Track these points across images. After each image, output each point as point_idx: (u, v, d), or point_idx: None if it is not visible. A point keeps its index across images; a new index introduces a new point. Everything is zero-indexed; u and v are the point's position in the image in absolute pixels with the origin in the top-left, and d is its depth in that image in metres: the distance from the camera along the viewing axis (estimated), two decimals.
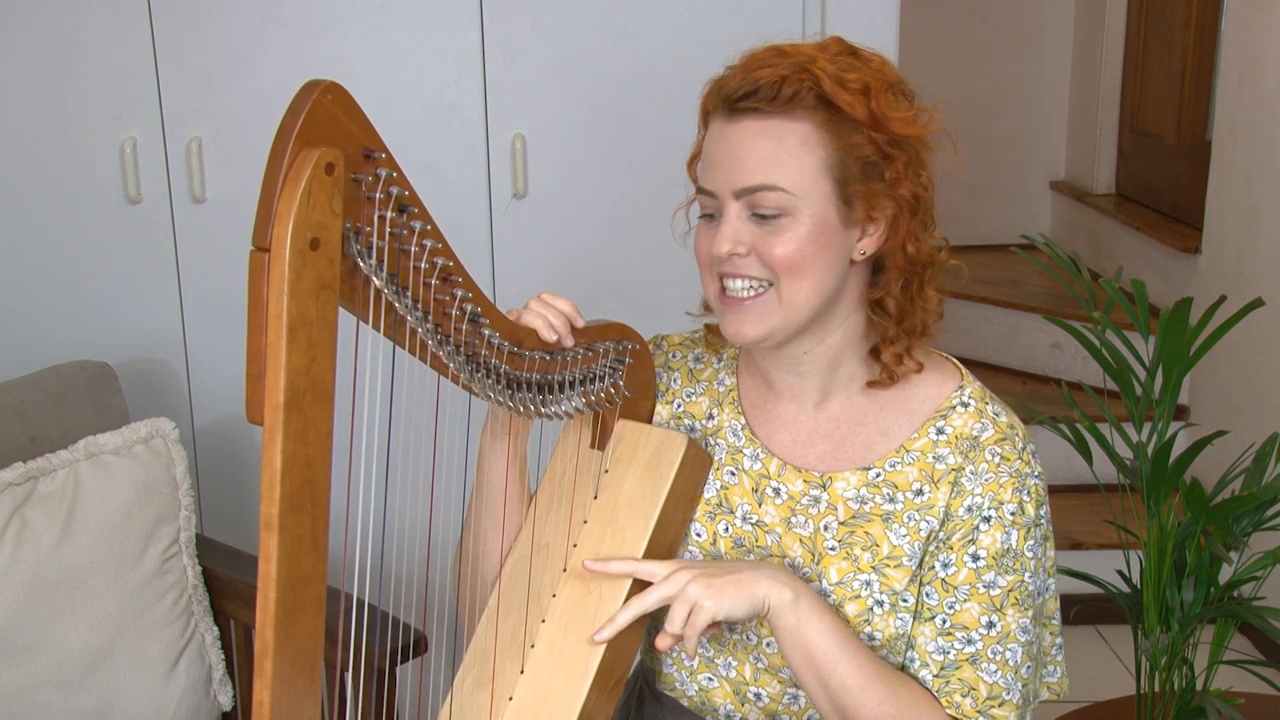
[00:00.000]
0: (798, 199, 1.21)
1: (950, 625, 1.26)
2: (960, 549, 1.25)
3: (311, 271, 0.93)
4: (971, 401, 1.30)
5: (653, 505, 1.30)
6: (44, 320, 2.31)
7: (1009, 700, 1.26)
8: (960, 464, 1.27)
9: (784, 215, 1.21)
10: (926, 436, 1.29)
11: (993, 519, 1.25)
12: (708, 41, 2.31)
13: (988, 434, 1.28)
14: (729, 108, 1.22)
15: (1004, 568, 1.25)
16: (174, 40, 2.23)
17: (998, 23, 4.44)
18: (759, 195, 1.21)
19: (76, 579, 1.85)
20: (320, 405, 0.96)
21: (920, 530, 1.27)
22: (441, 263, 1.07)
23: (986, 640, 1.25)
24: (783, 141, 1.21)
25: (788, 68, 1.20)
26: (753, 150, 1.21)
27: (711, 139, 1.25)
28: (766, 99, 1.20)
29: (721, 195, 1.23)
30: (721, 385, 1.39)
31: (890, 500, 1.28)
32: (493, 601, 1.33)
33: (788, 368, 1.32)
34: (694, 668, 1.37)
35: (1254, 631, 2.96)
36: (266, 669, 0.97)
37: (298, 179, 0.92)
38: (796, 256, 1.22)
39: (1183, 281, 3.52)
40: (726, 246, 1.23)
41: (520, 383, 1.20)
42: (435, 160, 2.30)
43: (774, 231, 1.22)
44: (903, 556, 1.27)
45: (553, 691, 1.24)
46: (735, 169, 1.22)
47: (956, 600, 1.26)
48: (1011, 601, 1.25)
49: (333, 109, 0.94)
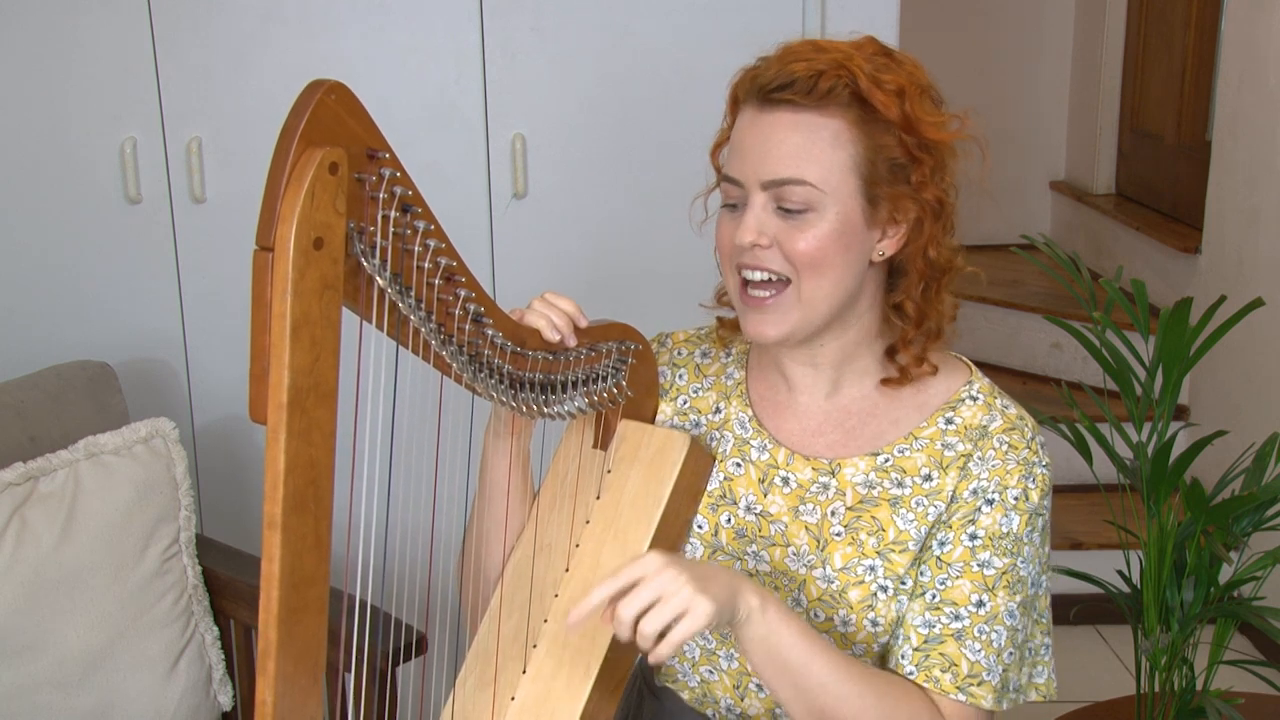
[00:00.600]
0: (825, 195, 1.21)
1: (939, 600, 1.26)
2: (959, 528, 1.26)
3: (315, 271, 0.93)
4: (980, 395, 1.31)
5: (655, 505, 1.30)
6: (44, 320, 2.31)
7: (988, 681, 1.25)
8: (969, 450, 1.28)
9: (810, 210, 1.21)
10: (935, 425, 1.30)
11: (995, 501, 1.26)
12: (708, 41, 2.31)
13: (996, 424, 1.28)
14: (762, 97, 1.22)
15: (1000, 549, 1.25)
16: (174, 40, 2.23)
17: (998, 23, 4.44)
18: (787, 188, 1.21)
19: (76, 579, 1.85)
20: (323, 405, 0.96)
21: (928, 515, 1.28)
22: (445, 262, 1.07)
23: (974, 618, 1.25)
24: (815, 136, 1.20)
25: (825, 63, 1.20)
26: (784, 142, 1.21)
27: (741, 128, 1.25)
28: (802, 91, 1.19)
29: (748, 185, 1.23)
30: (730, 379, 1.40)
31: (898, 485, 1.29)
32: (495, 601, 1.33)
33: (804, 360, 1.33)
34: (696, 660, 1.37)
35: (1254, 631, 2.96)
36: (269, 668, 0.97)
37: (301, 179, 0.92)
38: (819, 253, 1.22)
39: (1183, 281, 3.52)
40: (750, 236, 1.22)
41: (523, 382, 1.20)
42: (435, 160, 2.30)
43: (798, 226, 1.21)
44: (908, 541, 1.28)
45: (555, 691, 1.24)
46: (765, 160, 1.21)
47: (949, 576, 1.26)
48: (1004, 584, 1.25)
49: (336, 109, 0.94)
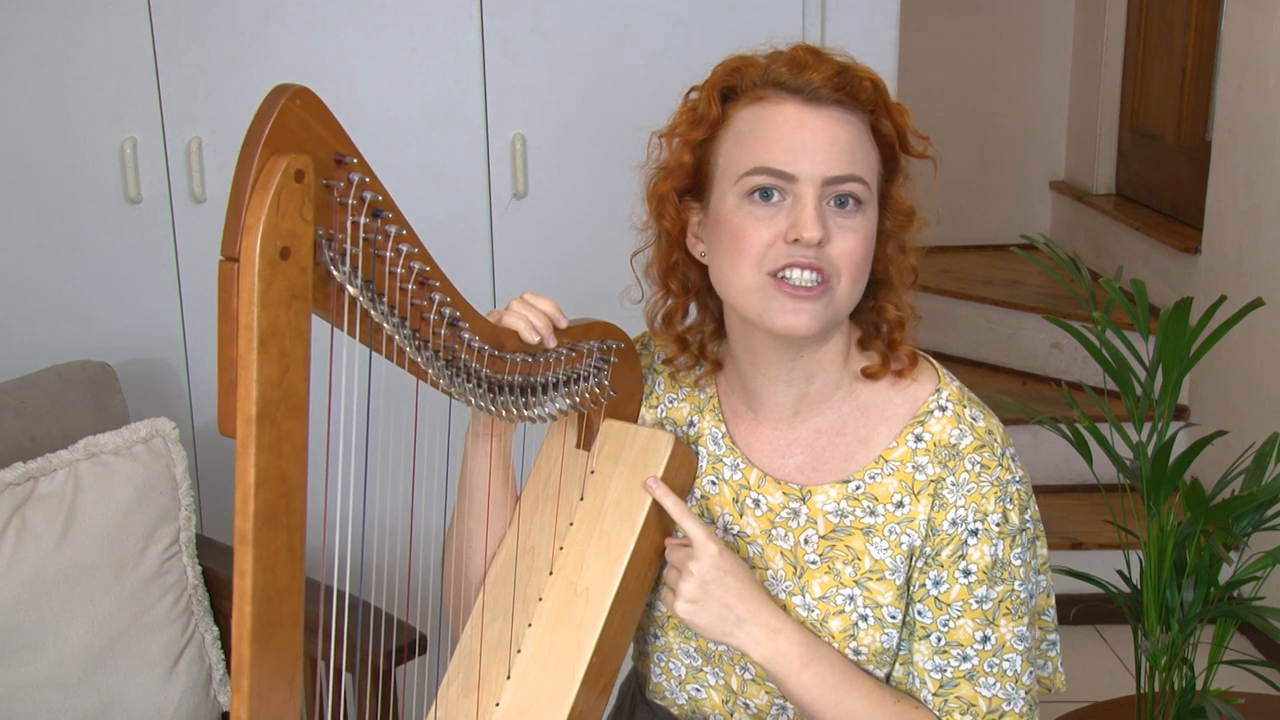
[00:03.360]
0: (871, 194, 1.21)
1: (945, 643, 1.25)
2: (951, 565, 1.24)
3: (282, 281, 0.91)
4: (949, 405, 1.27)
5: (639, 507, 1.28)
6: (44, 320, 2.31)
7: (1010, 710, 1.25)
8: (940, 474, 1.25)
9: (858, 212, 1.20)
10: (905, 445, 1.26)
11: (979, 532, 1.23)
12: (708, 41, 2.31)
13: (966, 441, 1.25)
14: (809, 95, 1.18)
15: (994, 579, 1.24)
16: (174, 40, 2.23)
17: (998, 23, 4.44)
18: (850, 185, 1.19)
19: (76, 579, 1.84)
20: (294, 417, 0.93)
21: (901, 544, 1.26)
22: (418, 267, 1.04)
23: (982, 655, 1.24)
24: (861, 136, 1.20)
25: (853, 68, 1.20)
26: (839, 136, 1.19)
27: (784, 121, 1.19)
28: (848, 91, 1.19)
29: (804, 179, 1.18)
30: (703, 392, 1.37)
31: (870, 513, 1.26)
32: (478, 606, 1.31)
33: (776, 375, 1.29)
34: (682, 677, 1.36)
35: (1254, 631, 2.96)
36: (244, 685, 0.95)
37: (266, 187, 0.90)
38: (864, 253, 1.21)
39: (1183, 281, 3.52)
40: (819, 232, 1.17)
41: (502, 386, 1.18)
42: (435, 160, 2.30)
43: (850, 226, 1.20)
44: (885, 570, 1.26)
45: (539, 697, 1.23)
46: (825, 153, 1.18)
47: (950, 618, 1.24)
48: (1004, 611, 1.24)
49: (302, 114, 0.92)
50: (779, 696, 1.31)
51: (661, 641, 1.36)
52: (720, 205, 1.23)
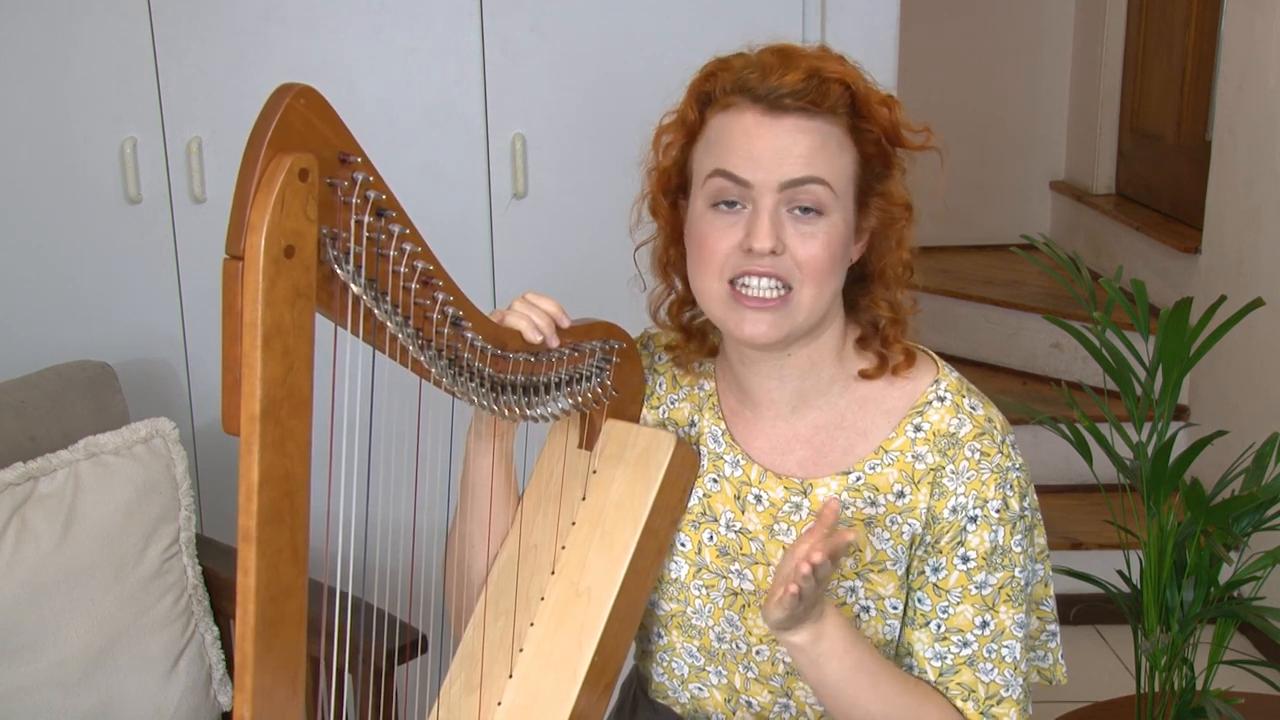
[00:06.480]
0: (836, 199, 1.20)
1: (945, 630, 1.25)
2: (950, 552, 1.25)
3: (287, 280, 0.91)
4: (948, 395, 1.28)
5: (641, 506, 1.28)
6: (44, 320, 2.31)
7: (1008, 696, 1.25)
8: (940, 463, 1.25)
9: (821, 215, 1.20)
10: (904, 435, 1.27)
11: (979, 518, 1.24)
12: (708, 41, 2.29)
13: (965, 429, 1.26)
14: (771, 103, 1.19)
15: (994, 565, 1.25)
16: (174, 40, 2.23)
17: (998, 23, 4.44)
18: (806, 188, 1.19)
19: (76, 579, 1.84)
20: (298, 415, 0.94)
21: (903, 534, 1.26)
22: (421, 266, 1.05)
23: (981, 640, 1.25)
24: (826, 140, 1.20)
25: (825, 71, 1.19)
26: (798, 144, 1.19)
27: (745, 130, 1.20)
28: (811, 98, 1.18)
29: (760, 187, 1.19)
30: (702, 390, 1.37)
31: (871, 504, 1.27)
32: (480, 606, 1.31)
33: (768, 372, 1.29)
34: (685, 676, 1.36)
35: (1254, 631, 2.96)
36: (247, 683, 0.96)
37: (270, 186, 0.90)
38: (828, 259, 1.20)
39: (1183, 281, 3.52)
40: (769, 242, 1.18)
41: (504, 385, 1.18)
42: (435, 160, 2.30)
43: (810, 233, 1.20)
44: (886, 561, 1.27)
45: (541, 696, 1.23)
46: (782, 161, 1.18)
47: (949, 604, 1.25)
48: (1004, 598, 1.25)
49: (306, 113, 0.92)
50: (781, 695, 1.31)
51: (664, 640, 1.36)
52: (692, 211, 1.25)
